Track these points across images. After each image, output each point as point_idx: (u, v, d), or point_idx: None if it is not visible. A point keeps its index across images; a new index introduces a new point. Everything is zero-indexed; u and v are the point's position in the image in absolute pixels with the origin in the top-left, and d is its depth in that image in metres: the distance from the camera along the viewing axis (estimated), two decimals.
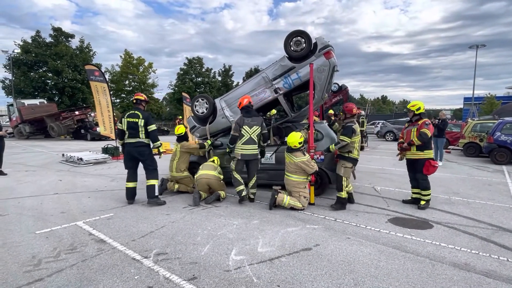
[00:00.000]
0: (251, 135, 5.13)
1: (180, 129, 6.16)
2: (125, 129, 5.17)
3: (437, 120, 9.78)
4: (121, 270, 2.94)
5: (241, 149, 5.17)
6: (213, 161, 5.83)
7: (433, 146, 10.02)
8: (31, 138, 21.46)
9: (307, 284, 2.71)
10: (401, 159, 5.35)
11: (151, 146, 5.30)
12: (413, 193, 5.25)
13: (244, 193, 5.20)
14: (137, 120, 5.12)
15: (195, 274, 2.88)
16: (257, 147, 5.21)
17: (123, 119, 5.22)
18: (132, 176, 5.31)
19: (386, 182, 7.20)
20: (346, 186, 4.99)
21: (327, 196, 5.81)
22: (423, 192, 5.01)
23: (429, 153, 4.96)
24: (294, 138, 4.92)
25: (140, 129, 5.13)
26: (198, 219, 4.48)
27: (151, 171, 5.26)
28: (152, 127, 5.22)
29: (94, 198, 5.62)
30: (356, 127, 4.96)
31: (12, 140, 20.02)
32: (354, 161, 5.02)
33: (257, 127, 5.17)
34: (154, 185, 5.19)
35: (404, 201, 5.34)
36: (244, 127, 5.15)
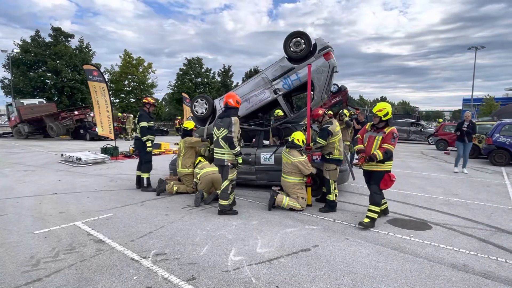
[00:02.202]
0: (218, 138, 4.74)
1: (188, 123, 6.26)
2: None
3: (465, 125, 8.51)
4: (120, 271, 2.93)
5: (214, 152, 4.89)
6: (200, 161, 5.89)
7: (458, 151, 8.75)
8: (30, 138, 21.38)
9: (306, 285, 2.71)
10: (360, 166, 4.46)
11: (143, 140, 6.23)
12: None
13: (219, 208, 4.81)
14: (136, 119, 6.31)
15: (194, 274, 2.88)
16: (224, 152, 4.69)
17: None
18: (140, 166, 6.39)
19: None
20: (335, 189, 4.91)
21: None
22: (371, 207, 4.21)
23: (389, 165, 4.24)
24: (299, 135, 5.00)
25: (137, 126, 6.23)
26: (197, 219, 4.47)
27: (143, 164, 6.31)
28: (141, 124, 6.14)
29: (93, 198, 5.61)
30: (333, 128, 4.85)
31: (11, 140, 19.97)
32: (337, 161, 4.91)
33: (224, 129, 4.66)
34: (143, 178, 6.24)
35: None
36: (214, 128, 4.89)
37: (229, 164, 4.71)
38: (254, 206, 5.20)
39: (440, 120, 24.91)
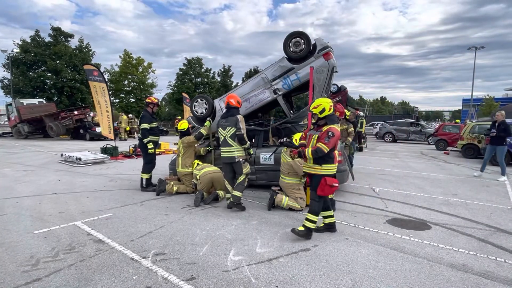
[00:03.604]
0: (225, 137, 4.94)
1: (182, 125, 6.24)
2: None
3: (495, 126, 7.66)
4: (120, 270, 2.94)
5: (221, 152, 5.08)
6: (198, 164, 5.87)
7: (487, 156, 8.07)
8: (30, 137, 21.38)
9: (305, 285, 2.71)
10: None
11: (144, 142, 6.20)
12: (324, 217, 4.04)
13: (228, 201, 4.99)
14: (138, 121, 6.43)
15: (194, 274, 2.88)
16: (233, 149, 4.92)
17: None
18: None
19: (385, 183, 7.21)
20: None
21: None
22: (308, 216, 3.77)
23: (328, 169, 3.78)
24: (298, 136, 5.01)
25: (139, 127, 6.29)
26: (197, 219, 4.48)
27: (144, 165, 6.32)
28: (142, 126, 6.15)
29: (92, 198, 5.61)
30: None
31: (10, 140, 19.97)
32: None
33: (230, 127, 4.90)
34: (142, 178, 6.27)
35: (317, 230, 4.00)
36: (218, 128, 5.06)
37: (241, 159, 4.93)
38: (254, 206, 5.20)
39: (458, 120, 24.56)
